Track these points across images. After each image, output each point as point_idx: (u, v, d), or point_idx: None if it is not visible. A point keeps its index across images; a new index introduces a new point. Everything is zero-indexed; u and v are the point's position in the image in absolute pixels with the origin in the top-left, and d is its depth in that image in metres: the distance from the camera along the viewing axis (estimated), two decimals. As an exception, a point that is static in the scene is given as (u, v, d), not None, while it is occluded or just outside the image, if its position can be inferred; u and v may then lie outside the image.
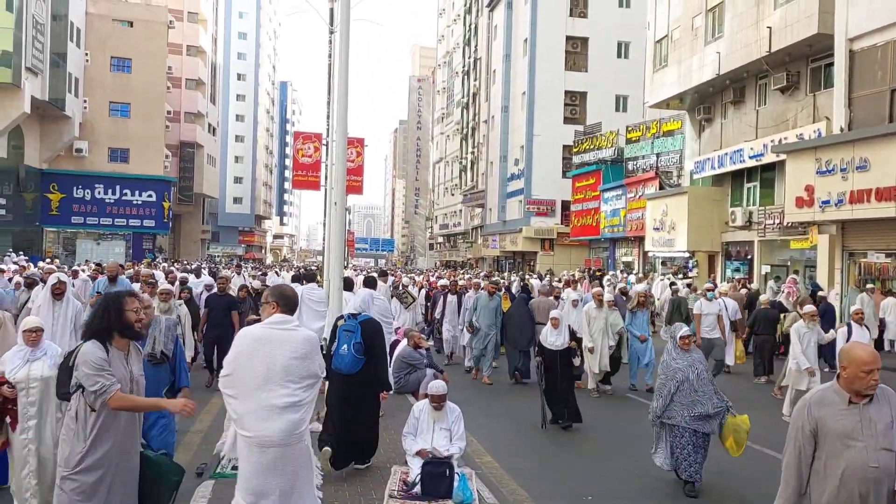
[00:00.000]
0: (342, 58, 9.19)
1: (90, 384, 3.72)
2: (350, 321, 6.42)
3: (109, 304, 3.99)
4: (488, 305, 12.36)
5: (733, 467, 7.17)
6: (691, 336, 6.75)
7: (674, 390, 6.48)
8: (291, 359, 4.07)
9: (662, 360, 6.59)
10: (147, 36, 43.42)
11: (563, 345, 9.07)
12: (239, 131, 79.02)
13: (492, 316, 12.26)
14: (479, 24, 57.08)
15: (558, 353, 9.00)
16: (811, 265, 20.31)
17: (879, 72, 17.07)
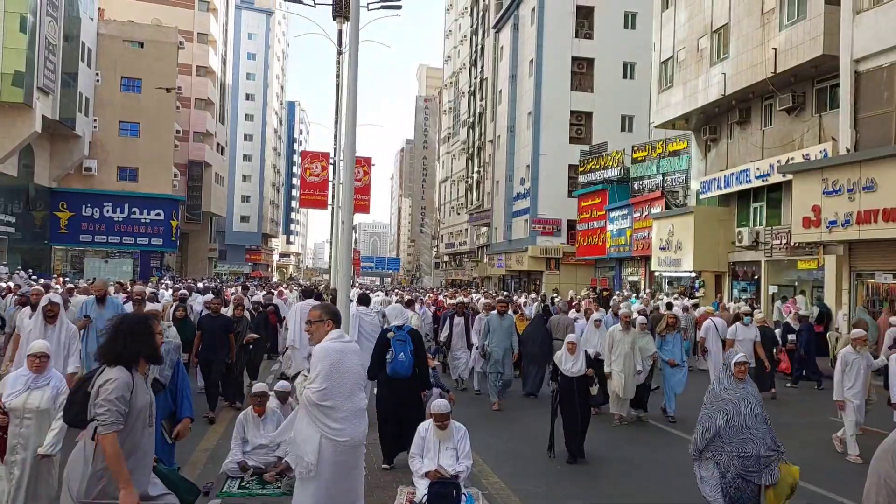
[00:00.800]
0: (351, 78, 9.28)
1: (103, 411, 3.51)
2: (399, 332, 7.39)
3: (139, 328, 3.81)
4: (500, 326, 11.55)
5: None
6: (747, 363, 5.72)
7: (721, 425, 5.48)
8: (359, 366, 4.83)
9: (711, 388, 5.67)
10: (157, 56, 43.94)
11: (579, 371, 8.45)
12: (247, 150, 79.63)
13: (506, 337, 11.47)
14: (485, 45, 57.55)
15: (574, 380, 8.41)
16: (819, 286, 20.24)
17: (885, 93, 17.12)
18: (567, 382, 8.39)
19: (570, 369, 8.41)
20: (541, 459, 8.41)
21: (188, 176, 53.69)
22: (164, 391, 4.96)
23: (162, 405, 4.78)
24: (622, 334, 10.41)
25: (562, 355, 8.58)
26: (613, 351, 10.33)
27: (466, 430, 6.58)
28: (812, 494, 6.63)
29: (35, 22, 32.51)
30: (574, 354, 8.48)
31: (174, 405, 5.15)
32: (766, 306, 21.89)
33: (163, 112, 43.96)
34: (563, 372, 8.45)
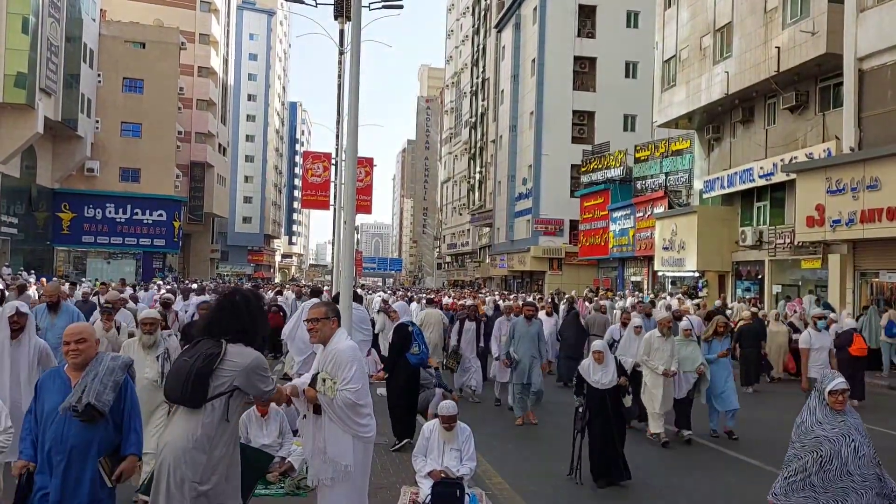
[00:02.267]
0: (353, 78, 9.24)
1: (267, 385, 3.83)
2: (414, 327, 8.88)
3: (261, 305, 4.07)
4: (528, 332, 10.28)
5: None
6: (847, 391, 4.37)
7: (813, 468, 4.21)
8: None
9: (800, 420, 4.40)
10: (159, 57, 43.94)
11: (610, 382, 7.44)
12: (249, 151, 79.66)
13: (533, 344, 10.26)
14: (487, 45, 57.52)
15: (606, 392, 7.41)
16: (822, 285, 20.17)
17: (889, 91, 17.06)
18: (596, 396, 7.41)
19: (599, 381, 7.43)
20: (545, 459, 8.33)
21: (190, 177, 53.70)
22: (103, 420, 3.81)
23: (102, 438, 3.84)
24: (661, 341, 9.18)
25: (588, 366, 7.60)
26: (654, 358, 9.16)
27: (471, 432, 6.55)
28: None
29: (37, 23, 32.52)
30: (603, 363, 7.51)
31: (118, 438, 3.95)
32: (770, 306, 21.81)
33: (165, 113, 43.96)
34: (592, 384, 7.44)
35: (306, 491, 6.47)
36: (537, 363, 10.22)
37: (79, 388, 3.80)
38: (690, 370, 9.20)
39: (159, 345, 6.26)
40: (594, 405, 7.39)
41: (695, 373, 9.24)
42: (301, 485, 6.54)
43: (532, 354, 10.18)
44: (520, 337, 10.29)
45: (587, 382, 7.50)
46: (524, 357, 10.14)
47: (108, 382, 3.88)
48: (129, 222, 42.89)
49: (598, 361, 7.51)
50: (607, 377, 7.50)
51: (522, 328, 10.34)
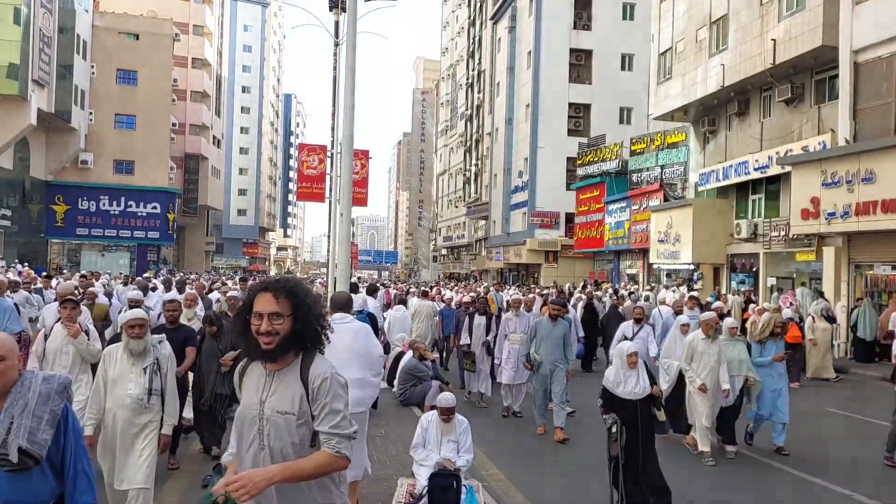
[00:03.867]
0: (348, 70, 9.21)
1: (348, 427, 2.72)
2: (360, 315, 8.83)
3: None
4: (552, 333, 9.14)
5: None
6: None
7: None
8: (353, 343, 5.41)
9: None
10: (153, 48, 43.72)
11: (643, 392, 6.25)
12: (243, 143, 79.37)
13: (557, 347, 9.11)
14: (482, 37, 57.35)
15: (637, 404, 6.20)
16: (817, 277, 20.23)
17: (885, 84, 17.07)
18: (628, 408, 6.17)
19: (632, 390, 6.22)
20: (541, 450, 8.35)
21: (184, 169, 53.54)
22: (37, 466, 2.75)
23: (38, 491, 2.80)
24: (706, 343, 8.04)
25: (616, 373, 6.33)
26: (694, 365, 8.09)
27: (469, 424, 6.57)
28: None
29: (29, 14, 32.30)
30: (635, 369, 6.30)
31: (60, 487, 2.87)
32: (764, 298, 21.87)
33: (159, 104, 43.77)
34: (622, 395, 6.23)
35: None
36: (562, 370, 9.01)
37: (1, 427, 2.71)
38: (737, 374, 8.15)
39: (148, 353, 5.07)
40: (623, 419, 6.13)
41: (740, 377, 8.19)
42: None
43: (555, 359, 9.03)
44: (542, 338, 9.17)
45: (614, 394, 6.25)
46: (546, 361, 9.05)
47: (42, 415, 2.76)
48: (123, 214, 42.75)
49: (631, 366, 6.28)
50: (640, 385, 6.27)
51: (546, 329, 9.18)
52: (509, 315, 10.48)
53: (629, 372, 6.30)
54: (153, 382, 5.01)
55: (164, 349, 5.26)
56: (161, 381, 5.11)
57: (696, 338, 8.10)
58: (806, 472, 7.67)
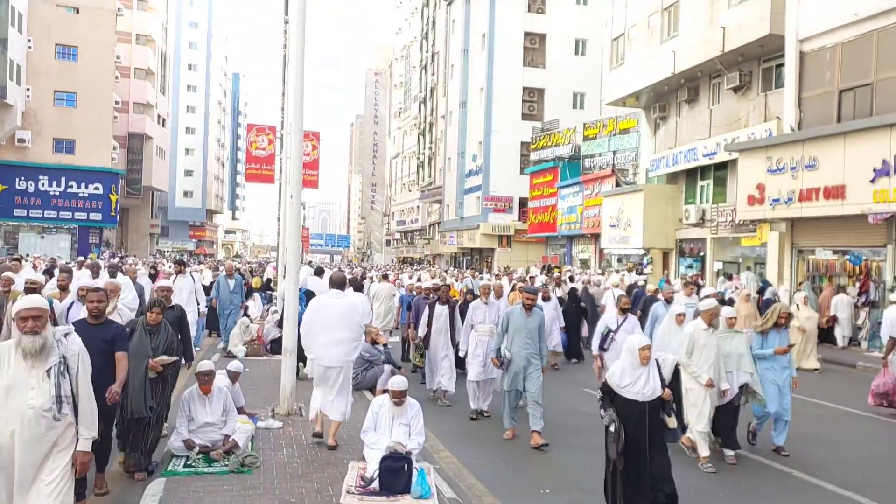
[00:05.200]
0: (297, 49, 8.97)
1: None
2: None
3: None
4: (526, 325, 8.00)
5: None
6: None
7: None
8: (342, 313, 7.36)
9: None
10: (94, 23, 42.00)
11: (653, 394, 5.48)
12: (190, 123, 77.34)
13: (531, 341, 8.00)
14: (436, 18, 56.91)
15: (646, 406, 5.44)
16: (761, 262, 20.76)
17: (828, 73, 17.50)
18: (635, 410, 5.42)
19: (640, 391, 5.44)
20: (491, 432, 8.32)
21: (128, 149, 51.87)
22: None
23: None
24: (706, 335, 7.21)
25: (624, 370, 5.54)
26: (695, 360, 7.23)
27: (420, 407, 6.52)
28: None
29: (-40, -18, 30.67)
30: (646, 366, 5.51)
31: None
32: (712, 283, 22.35)
33: (101, 81, 42.16)
34: (627, 395, 5.46)
35: (251, 468, 6.34)
36: (536, 366, 7.98)
37: None
38: (735, 370, 7.39)
39: (51, 351, 4.00)
40: (628, 423, 5.38)
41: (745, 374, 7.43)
42: (246, 462, 6.41)
43: (529, 354, 7.97)
44: (516, 330, 8.02)
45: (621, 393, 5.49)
46: (518, 357, 7.96)
47: None
48: (63, 195, 41.17)
49: (644, 362, 5.48)
50: (649, 385, 5.48)
51: (519, 320, 8.05)
52: (477, 303, 9.54)
53: (639, 369, 5.48)
54: (61, 388, 3.95)
55: (72, 344, 4.17)
56: (71, 384, 4.03)
57: (697, 328, 7.25)
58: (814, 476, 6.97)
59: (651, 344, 5.67)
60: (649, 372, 5.53)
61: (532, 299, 8.19)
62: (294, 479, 6.18)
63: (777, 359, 7.71)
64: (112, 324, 5.81)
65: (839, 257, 17.76)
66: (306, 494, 5.80)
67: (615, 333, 9.14)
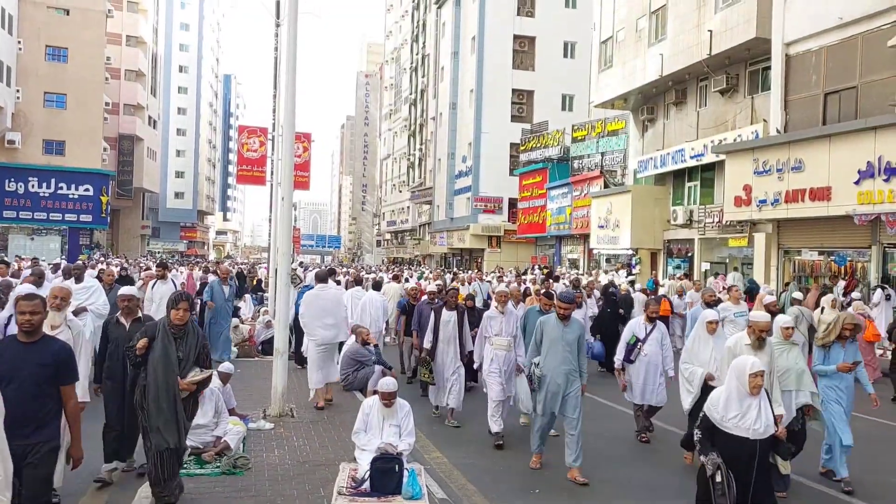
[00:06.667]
0: (289, 51, 9.05)
1: None
2: None
3: None
4: (563, 338, 6.88)
5: None
6: None
7: None
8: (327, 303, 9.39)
9: None
10: (84, 24, 41.85)
11: (765, 430, 4.57)
12: (181, 125, 77.08)
13: (569, 356, 6.86)
14: (427, 21, 57.02)
15: (757, 446, 4.54)
16: (748, 262, 20.98)
17: (814, 76, 17.73)
18: (741, 453, 4.54)
19: (750, 426, 4.54)
20: (481, 434, 8.39)
21: (118, 150, 51.73)
22: None
23: None
24: (750, 351, 5.93)
25: (729, 399, 4.64)
26: None
27: (410, 408, 6.61)
28: None
29: (-51, -16, 30.50)
30: (757, 396, 4.59)
31: None
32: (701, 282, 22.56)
33: (91, 83, 42.00)
34: (733, 431, 4.57)
35: (243, 470, 6.42)
36: (575, 385, 6.84)
37: None
38: (794, 389, 6.34)
39: None
40: (736, 465, 4.52)
41: (806, 394, 6.40)
42: (237, 463, 6.48)
43: (568, 371, 6.82)
44: (551, 343, 6.91)
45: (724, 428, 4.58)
46: (555, 375, 6.80)
47: None
48: (53, 197, 40.96)
49: (753, 391, 4.54)
50: (761, 420, 4.56)
51: (555, 331, 6.91)
52: (492, 312, 8.30)
53: (749, 399, 4.54)
54: None
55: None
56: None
57: (740, 343, 6.16)
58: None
59: (763, 371, 4.67)
60: (761, 403, 4.57)
61: (567, 309, 6.96)
62: (286, 480, 6.24)
63: (841, 377, 6.63)
64: (52, 342, 4.30)
65: (825, 258, 17.99)
66: (298, 496, 5.87)
67: (643, 343, 8.11)
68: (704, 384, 6.72)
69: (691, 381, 6.94)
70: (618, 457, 7.71)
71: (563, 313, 6.92)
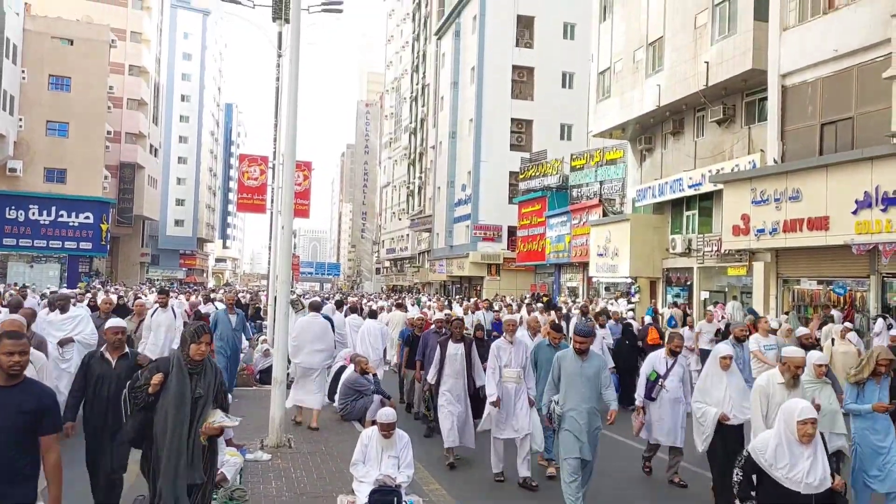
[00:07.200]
0: (291, 82, 9.15)
1: None
2: None
3: None
4: (582, 373, 6.43)
5: None
6: None
7: None
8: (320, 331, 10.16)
9: None
10: (87, 54, 42.39)
11: (821, 484, 4.15)
12: (182, 153, 77.62)
13: (590, 394, 6.42)
14: (427, 52, 57.70)
15: (812, 499, 4.16)
16: (747, 291, 20.96)
17: (810, 107, 17.90)
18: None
19: (803, 479, 4.13)
20: (479, 466, 8.36)
21: (119, 178, 52.01)
22: None
23: None
24: (783, 390, 5.53)
25: (780, 447, 4.19)
26: (772, 421, 5.21)
27: (409, 439, 6.57)
28: None
29: (-45, 15, 30.94)
30: (810, 444, 4.15)
31: None
32: (699, 311, 22.53)
33: (93, 112, 42.42)
34: (783, 483, 4.17)
35: (240, 502, 6.36)
36: (596, 424, 6.40)
37: None
38: (827, 430, 5.78)
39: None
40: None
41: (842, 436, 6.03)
42: (234, 496, 6.43)
43: (589, 409, 6.35)
44: (568, 380, 6.45)
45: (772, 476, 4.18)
46: (577, 413, 6.32)
47: None
48: (53, 224, 41.12)
49: (805, 439, 4.13)
50: (817, 472, 4.14)
51: (572, 366, 6.47)
52: (502, 343, 7.86)
53: (800, 448, 4.11)
54: None
55: None
56: None
57: (772, 381, 5.60)
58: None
59: (816, 418, 4.19)
60: (816, 452, 4.12)
61: (584, 343, 6.47)
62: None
63: (877, 417, 6.05)
64: (34, 386, 3.85)
65: (824, 287, 17.99)
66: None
67: (664, 379, 7.61)
68: (719, 424, 6.40)
69: (703, 422, 6.58)
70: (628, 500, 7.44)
71: (580, 347, 6.46)
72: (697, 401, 6.70)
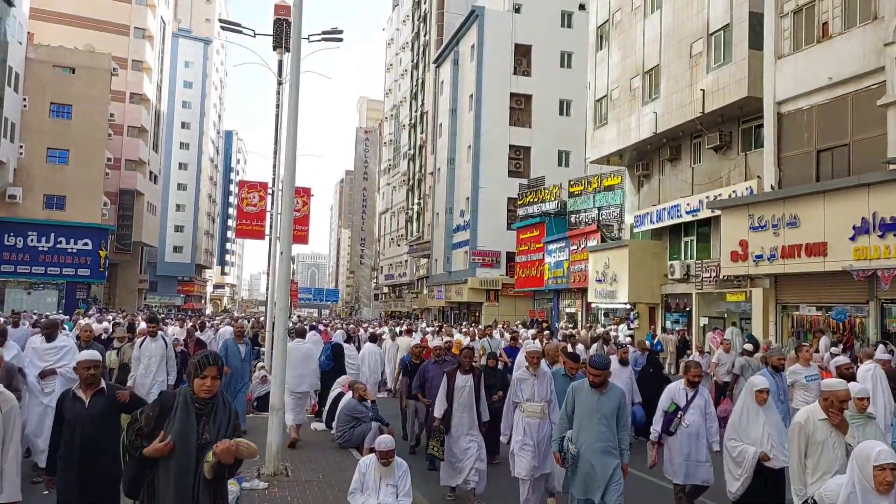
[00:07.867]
0: (291, 109, 9.22)
1: None
2: None
3: None
4: (598, 408, 5.80)
5: None
6: None
7: None
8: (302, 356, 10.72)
9: None
10: (89, 82, 42.75)
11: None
12: (182, 179, 77.94)
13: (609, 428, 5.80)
14: (426, 79, 58.23)
15: None
16: (746, 317, 20.94)
17: (806, 134, 18.05)
18: None
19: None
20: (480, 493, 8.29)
21: (118, 205, 52.13)
22: None
23: None
24: (825, 427, 4.79)
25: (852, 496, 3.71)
26: (813, 464, 4.76)
27: (408, 467, 6.52)
28: None
29: (-42, 43, 31.23)
30: (888, 493, 3.60)
31: None
32: (698, 337, 22.49)
33: (93, 139, 42.66)
34: None
35: (237, 531, 6.28)
36: (616, 465, 5.73)
37: None
38: None
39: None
40: None
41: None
42: (231, 525, 6.33)
43: (605, 448, 5.73)
44: (583, 416, 5.83)
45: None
46: (590, 453, 5.72)
47: None
48: (52, 251, 41.09)
49: (883, 489, 3.60)
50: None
51: (589, 400, 5.83)
52: (523, 374, 7.20)
53: (877, 499, 3.60)
54: None
55: None
56: None
57: (813, 418, 4.82)
58: None
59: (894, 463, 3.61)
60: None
61: (599, 376, 5.78)
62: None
63: None
64: None
65: (823, 313, 17.97)
66: (292, 557, 5.75)
67: (684, 412, 6.96)
68: (759, 465, 5.78)
69: (740, 462, 5.89)
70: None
71: (595, 381, 5.77)
72: (732, 438, 6.08)
